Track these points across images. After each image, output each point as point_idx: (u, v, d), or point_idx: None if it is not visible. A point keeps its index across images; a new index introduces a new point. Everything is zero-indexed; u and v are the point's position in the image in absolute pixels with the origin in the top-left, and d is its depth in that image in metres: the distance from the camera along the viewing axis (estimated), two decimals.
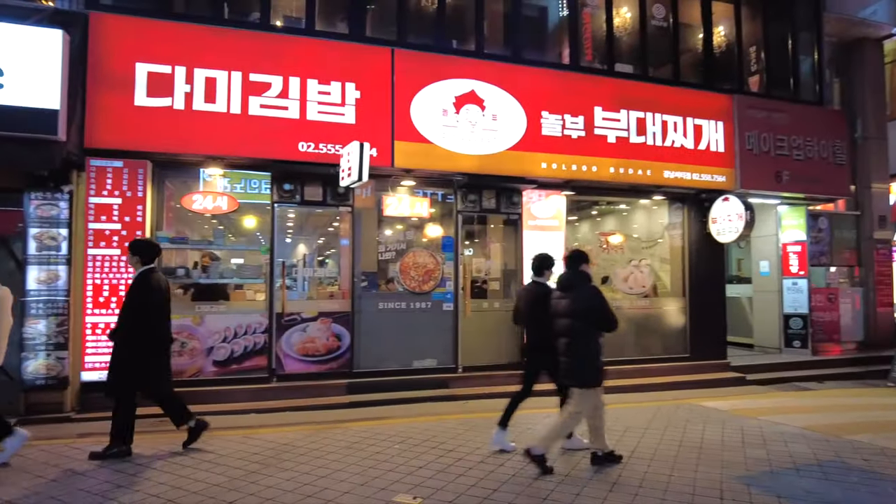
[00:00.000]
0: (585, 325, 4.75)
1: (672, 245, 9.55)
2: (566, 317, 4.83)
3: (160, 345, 5.21)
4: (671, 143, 8.73)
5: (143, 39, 6.65)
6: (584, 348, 4.76)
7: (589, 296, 4.77)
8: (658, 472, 4.74)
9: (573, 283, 4.89)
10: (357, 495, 4.18)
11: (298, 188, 7.44)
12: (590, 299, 4.75)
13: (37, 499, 4.03)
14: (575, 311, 4.76)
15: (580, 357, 4.76)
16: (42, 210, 6.18)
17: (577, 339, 4.76)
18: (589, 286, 4.88)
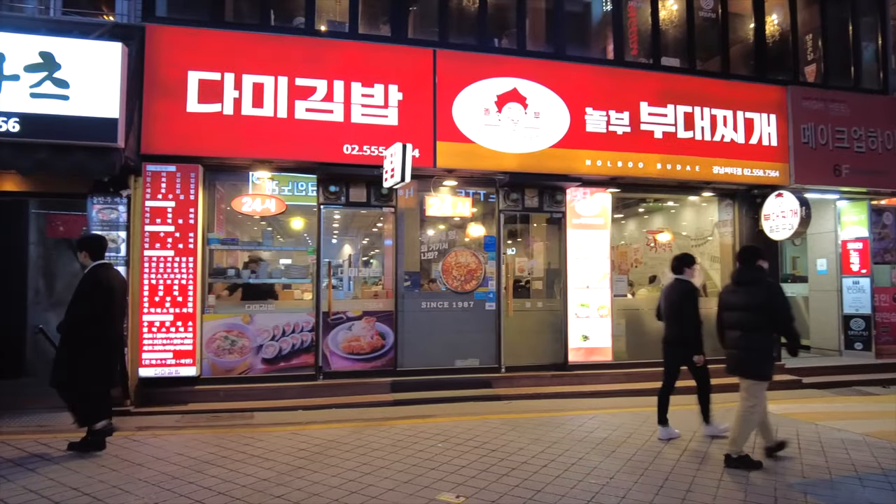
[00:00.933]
0: (763, 318, 4.82)
1: (722, 243, 9.25)
2: (741, 310, 4.94)
3: (104, 343, 5.10)
4: (720, 137, 8.46)
5: (194, 48, 6.90)
6: (759, 341, 4.86)
7: (768, 291, 4.87)
8: (708, 476, 4.62)
9: (750, 279, 4.99)
10: (401, 492, 4.23)
11: (343, 190, 7.57)
12: (770, 295, 4.84)
13: (100, 486, 4.25)
14: (752, 306, 4.86)
15: (756, 350, 4.86)
16: (103, 214, 6.50)
17: (752, 333, 4.86)
18: (768, 281, 4.99)
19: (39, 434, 5.60)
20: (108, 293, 5.11)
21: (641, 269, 9.75)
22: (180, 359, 6.73)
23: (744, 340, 4.89)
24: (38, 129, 5.90)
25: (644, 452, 5.23)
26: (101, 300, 5.04)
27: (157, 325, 6.69)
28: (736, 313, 4.99)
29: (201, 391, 6.84)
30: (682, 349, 5.80)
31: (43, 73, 5.97)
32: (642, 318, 8.57)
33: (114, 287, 5.18)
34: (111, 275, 5.24)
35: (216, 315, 7.12)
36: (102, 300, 5.05)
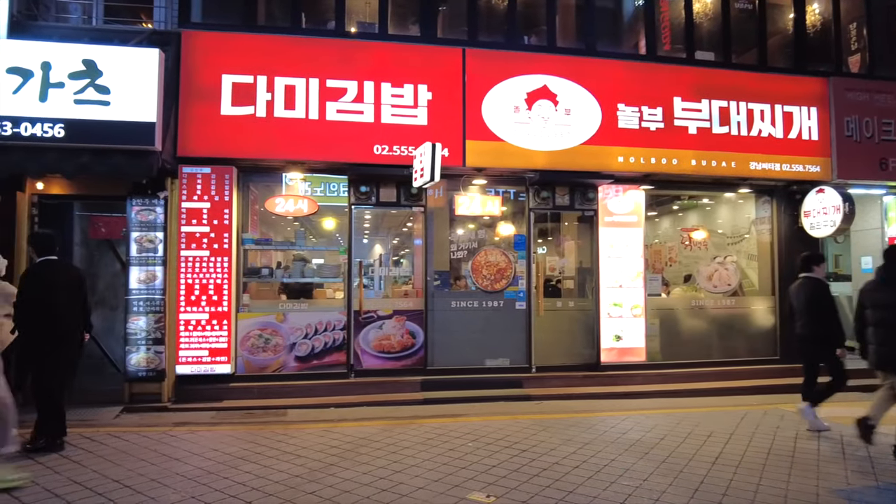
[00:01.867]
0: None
1: (760, 241, 9.00)
2: (888, 308, 5.01)
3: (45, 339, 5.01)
4: (758, 132, 8.22)
5: (227, 52, 7.05)
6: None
7: None
8: (745, 480, 4.48)
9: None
10: (431, 491, 4.23)
11: (374, 190, 7.63)
12: None
13: (139, 479, 4.37)
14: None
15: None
16: (141, 215, 6.69)
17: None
18: None
19: (83, 428, 5.78)
20: (45, 289, 5.03)
21: (676, 268, 9.54)
22: (216, 357, 6.89)
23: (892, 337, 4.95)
24: (81, 134, 6.12)
25: (679, 455, 5.12)
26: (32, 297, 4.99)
27: (194, 323, 6.86)
28: (882, 311, 5.04)
29: (236, 388, 6.99)
30: (821, 345, 5.89)
31: (86, 80, 6.19)
32: (677, 317, 8.40)
33: (54, 283, 5.08)
34: (51, 270, 5.14)
35: (250, 314, 7.25)
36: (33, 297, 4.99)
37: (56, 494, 4.10)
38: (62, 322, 5.08)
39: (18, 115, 6.03)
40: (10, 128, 6.01)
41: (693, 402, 7.22)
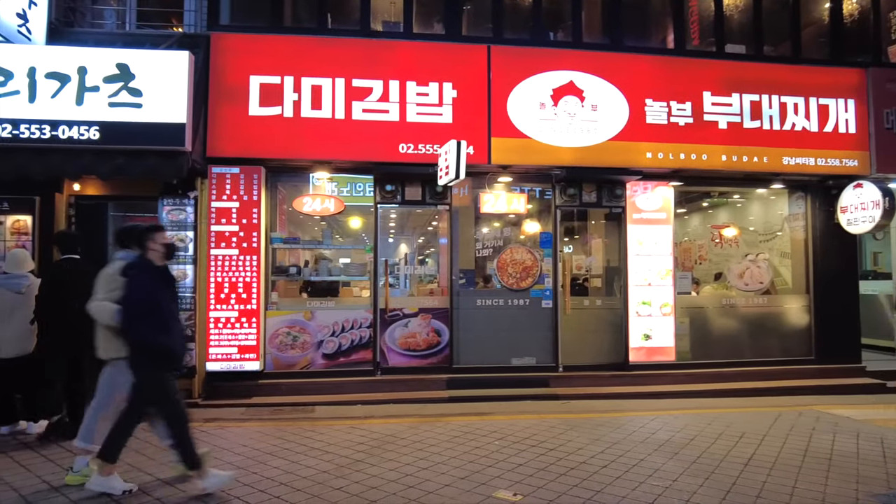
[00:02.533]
0: None
1: (793, 238, 8.76)
2: None
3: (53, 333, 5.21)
4: (791, 126, 8.00)
5: (255, 53, 7.15)
6: None
7: None
8: (779, 483, 4.38)
9: None
10: (457, 488, 4.23)
11: (399, 188, 7.65)
12: None
13: (173, 473, 4.46)
14: None
15: None
16: (172, 215, 6.83)
17: None
18: None
19: None
20: (55, 286, 5.21)
21: (706, 266, 9.36)
22: (245, 354, 6.99)
23: None
24: (115, 136, 6.27)
25: (710, 455, 5.02)
26: (51, 292, 5.20)
27: (223, 321, 6.97)
28: None
29: (264, 385, 7.08)
30: None
31: (120, 83, 6.33)
32: (708, 316, 8.24)
33: (65, 280, 5.19)
34: (60, 269, 5.30)
35: (279, 311, 7.34)
36: (52, 291, 5.20)
37: None
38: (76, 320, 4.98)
39: (56, 119, 6.21)
40: (48, 131, 6.19)
41: (724, 403, 7.07)
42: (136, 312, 3.99)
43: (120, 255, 4.47)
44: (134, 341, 4.04)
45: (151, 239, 4.16)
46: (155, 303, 4.05)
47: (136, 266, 4.16)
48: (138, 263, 4.18)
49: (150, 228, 4.22)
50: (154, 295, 4.07)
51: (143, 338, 4.00)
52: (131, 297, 4.01)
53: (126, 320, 3.99)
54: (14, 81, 6.19)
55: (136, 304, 4.00)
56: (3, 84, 6.18)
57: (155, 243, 4.18)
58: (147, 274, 4.13)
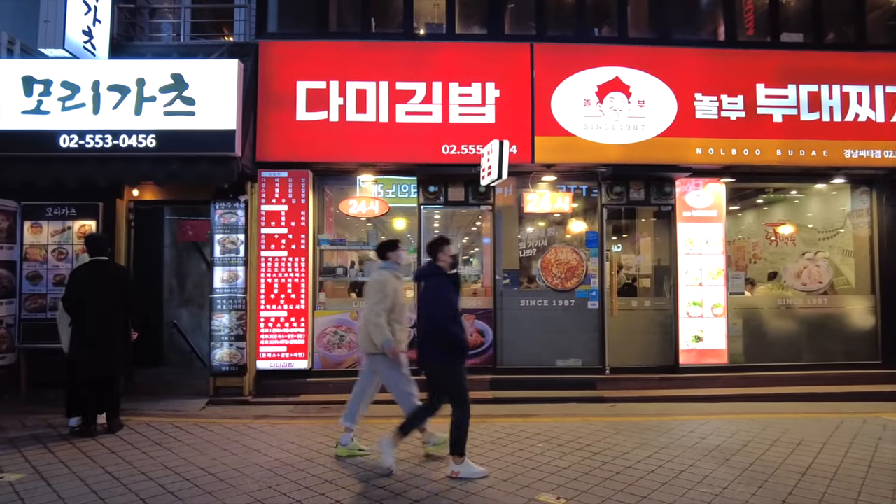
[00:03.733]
0: None
1: (857, 235, 8.30)
2: None
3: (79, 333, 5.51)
4: (854, 117, 7.59)
5: (302, 60, 7.33)
6: None
7: None
8: (840, 495, 4.16)
9: None
10: (500, 490, 4.22)
11: (442, 189, 7.69)
12: None
13: (223, 468, 4.63)
14: None
15: None
16: (224, 218, 7.08)
17: None
18: None
19: (174, 417, 6.21)
20: (79, 287, 5.54)
21: (761, 265, 8.99)
22: (293, 353, 7.17)
23: None
24: (170, 143, 6.55)
25: (764, 463, 4.82)
26: (71, 293, 5.55)
27: (273, 321, 7.18)
28: None
29: (313, 383, 7.25)
30: None
31: (174, 93, 6.61)
32: (762, 317, 7.92)
33: (86, 281, 5.54)
34: (85, 269, 5.61)
35: (326, 311, 7.50)
36: (72, 293, 5.54)
37: (150, 477, 4.43)
38: (94, 319, 5.52)
39: (117, 129, 6.53)
40: (110, 140, 6.52)
41: (780, 408, 6.79)
42: (450, 315, 4.57)
43: (381, 266, 5.09)
44: (448, 340, 4.54)
45: (442, 251, 4.77)
46: (457, 305, 4.65)
47: (435, 273, 4.74)
48: (436, 271, 4.75)
49: (441, 241, 4.81)
50: (455, 298, 4.69)
51: (457, 336, 4.55)
52: (444, 302, 4.61)
53: (441, 321, 4.53)
54: (80, 95, 6.55)
55: (449, 308, 4.61)
56: (71, 98, 6.54)
57: (444, 254, 4.78)
58: (448, 280, 4.72)
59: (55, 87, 6.52)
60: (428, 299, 4.69)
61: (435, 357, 4.64)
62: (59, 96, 6.52)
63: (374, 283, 4.98)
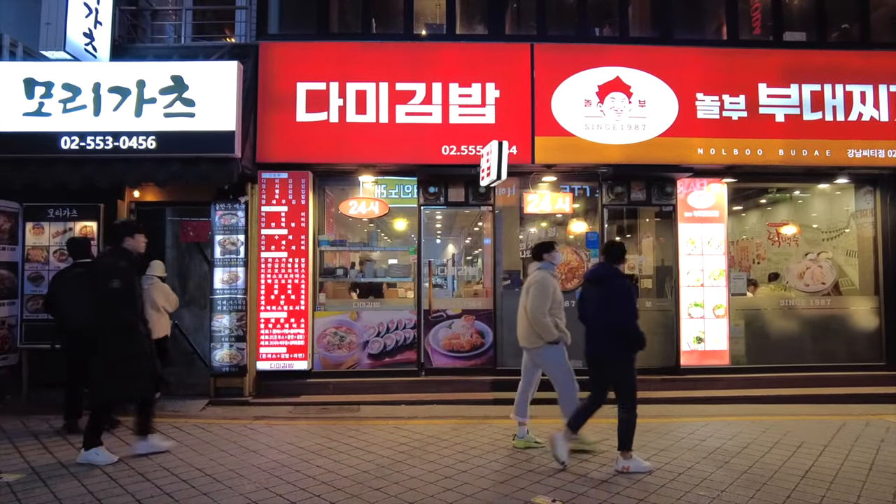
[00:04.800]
0: None
1: (861, 235, 8.24)
2: None
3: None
4: (857, 116, 7.53)
5: (302, 61, 7.34)
6: None
7: None
8: (840, 499, 4.13)
9: None
10: (496, 492, 4.21)
11: (442, 190, 7.68)
12: None
13: (220, 469, 4.64)
14: None
15: None
16: (225, 219, 7.09)
17: None
18: None
19: (174, 418, 6.23)
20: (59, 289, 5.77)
21: (764, 266, 8.94)
22: (293, 353, 7.18)
23: None
24: (170, 145, 6.57)
25: (763, 466, 4.79)
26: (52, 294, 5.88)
27: (273, 321, 7.19)
28: None
29: (312, 384, 7.26)
30: None
31: (174, 94, 6.63)
32: (765, 318, 7.86)
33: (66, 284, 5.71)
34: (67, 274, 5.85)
35: (326, 312, 7.51)
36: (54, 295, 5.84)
37: (147, 478, 4.44)
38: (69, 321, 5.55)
39: (118, 130, 6.56)
40: (111, 142, 6.54)
41: (782, 410, 6.74)
42: (636, 314, 4.82)
43: (539, 266, 5.31)
44: (636, 339, 4.79)
45: (623, 255, 5.02)
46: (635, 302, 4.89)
47: (616, 275, 4.92)
48: (616, 272, 4.94)
49: (620, 246, 5.04)
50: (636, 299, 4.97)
51: (643, 336, 4.82)
52: (630, 302, 4.83)
53: (629, 320, 4.77)
54: (81, 97, 6.58)
55: (635, 307, 4.84)
56: (72, 100, 6.57)
57: (623, 259, 5.06)
58: (629, 281, 5.09)
59: (56, 89, 6.56)
60: (608, 299, 4.81)
61: (613, 355, 4.85)
62: (61, 98, 6.55)
63: (536, 284, 5.15)
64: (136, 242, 5.12)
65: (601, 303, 4.85)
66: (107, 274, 4.82)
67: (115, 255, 4.98)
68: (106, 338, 4.82)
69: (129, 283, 4.88)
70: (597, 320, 4.92)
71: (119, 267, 4.86)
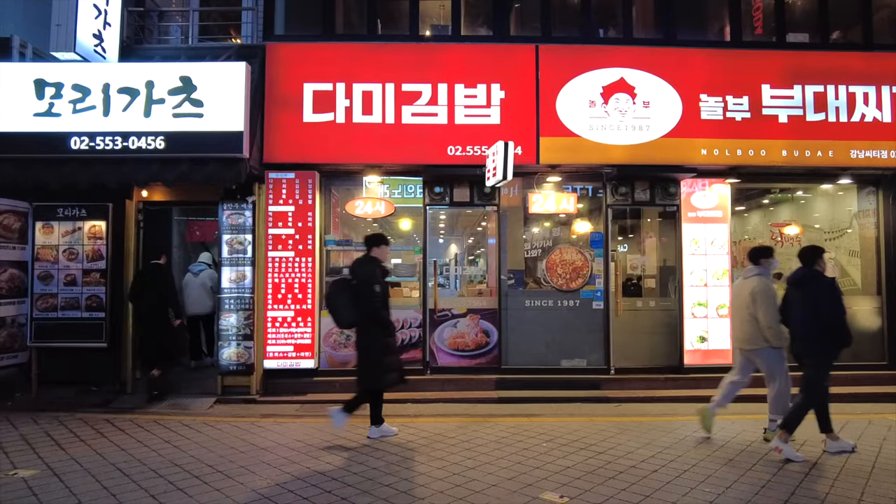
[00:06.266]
0: None
1: (863, 235, 8.28)
2: None
3: None
4: (860, 117, 7.58)
5: (308, 62, 7.39)
6: None
7: None
8: (844, 495, 4.18)
9: None
10: (504, 489, 4.26)
11: (448, 190, 7.74)
12: None
13: (230, 466, 4.70)
14: None
15: None
16: (232, 219, 7.15)
17: None
18: None
19: (183, 416, 6.30)
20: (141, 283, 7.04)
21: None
22: (300, 352, 7.24)
23: None
24: (178, 145, 6.63)
25: (768, 462, 4.85)
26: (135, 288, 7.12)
27: (280, 320, 7.25)
28: None
29: (319, 382, 7.31)
30: None
31: (182, 95, 6.69)
32: None
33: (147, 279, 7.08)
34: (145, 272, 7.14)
35: None
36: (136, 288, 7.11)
37: (160, 474, 4.50)
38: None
39: (127, 131, 6.62)
40: (120, 142, 6.61)
41: None
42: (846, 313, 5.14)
43: (757, 272, 5.53)
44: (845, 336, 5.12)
45: (821, 258, 5.32)
46: None
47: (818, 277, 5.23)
48: (819, 275, 5.24)
49: (819, 250, 5.34)
50: None
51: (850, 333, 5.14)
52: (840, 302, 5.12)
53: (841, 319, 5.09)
54: (91, 97, 6.64)
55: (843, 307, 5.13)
56: (82, 100, 6.64)
57: (823, 261, 5.34)
58: (835, 282, 5.27)
59: (66, 90, 6.62)
60: (817, 300, 5.11)
61: (820, 350, 5.17)
62: (70, 99, 6.62)
63: (762, 293, 5.35)
64: (382, 252, 5.81)
65: (804, 304, 5.16)
66: (368, 281, 5.46)
67: (369, 263, 5.63)
68: (370, 334, 5.51)
69: (384, 287, 5.62)
70: (802, 321, 5.19)
71: (375, 274, 5.55)
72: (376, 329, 5.49)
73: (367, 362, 5.50)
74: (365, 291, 5.41)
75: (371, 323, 5.45)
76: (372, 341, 5.49)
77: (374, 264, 5.62)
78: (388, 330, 5.63)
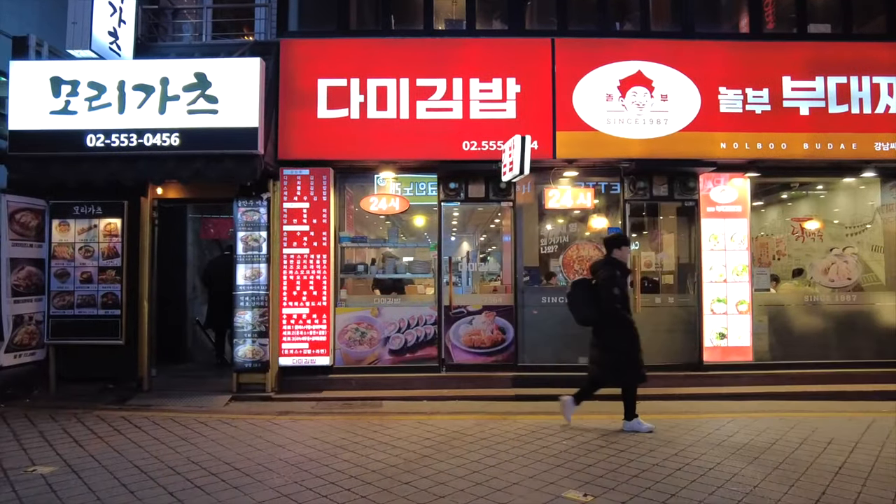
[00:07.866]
0: None
1: (887, 230, 8.10)
2: None
3: None
4: (885, 108, 7.42)
5: (323, 58, 7.35)
6: None
7: None
8: (877, 495, 4.06)
9: None
10: (526, 486, 4.20)
11: (462, 186, 7.66)
12: None
13: (248, 464, 4.67)
14: None
15: None
16: (247, 216, 7.13)
17: None
18: None
19: (198, 413, 6.29)
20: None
21: (786, 262, 8.84)
22: (315, 349, 7.21)
23: None
24: (193, 142, 6.60)
25: (794, 461, 4.74)
26: None
27: (295, 317, 7.22)
28: None
29: (335, 380, 7.28)
30: None
31: (197, 91, 6.66)
32: (788, 314, 7.78)
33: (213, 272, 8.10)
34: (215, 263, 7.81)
35: (347, 308, 7.53)
36: None
37: (177, 472, 4.48)
38: None
39: (142, 128, 6.60)
40: (135, 139, 6.59)
41: (808, 406, 6.66)
42: None
43: None
44: None
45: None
46: None
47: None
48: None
49: None
50: None
51: None
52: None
53: None
54: (106, 94, 6.62)
55: None
56: (97, 98, 6.63)
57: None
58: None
59: (82, 88, 6.61)
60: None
61: None
62: (86, 96, 6.61)
63: None
64: (623, 253, 5.93)
65: None
66: (607, 284, 5.64)
67: (609, 266, 5.77)
68: (616, 334, 5.73)
69: (623, 288, 5.78)
70: None
71: (615, 276, 5.69)
72: (621, 327, 5.71)
73: (624, 359, 5.71)
74: (605, 294, 5.63)
75: (612, 322, 5.69)
76: (619, 340, 5.70)
77: (614, 266, 5.76)
78: (633, 329, 5.77)
